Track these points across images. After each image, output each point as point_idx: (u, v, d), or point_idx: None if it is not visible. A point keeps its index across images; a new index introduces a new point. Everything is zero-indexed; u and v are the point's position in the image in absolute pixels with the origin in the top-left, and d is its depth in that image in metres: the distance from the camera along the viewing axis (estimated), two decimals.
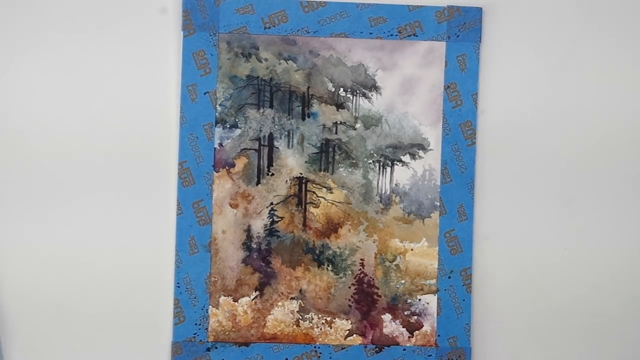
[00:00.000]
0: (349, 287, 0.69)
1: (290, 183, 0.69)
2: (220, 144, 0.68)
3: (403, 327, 0.69)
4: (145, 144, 0.68)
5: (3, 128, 0.67)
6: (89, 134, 0.68)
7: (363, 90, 0.69)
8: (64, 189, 0.68)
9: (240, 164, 0.68)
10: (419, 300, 0.69)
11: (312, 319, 0.69)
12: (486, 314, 0.70)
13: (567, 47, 0.70)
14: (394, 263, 0.69)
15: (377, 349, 0.69)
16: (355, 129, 0.69)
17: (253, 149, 0.68)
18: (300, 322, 0.69)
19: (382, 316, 0.69)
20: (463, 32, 0.69)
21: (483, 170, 0.70)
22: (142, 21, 0.68)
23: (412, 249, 0.69)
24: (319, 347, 0.69)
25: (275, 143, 0.69)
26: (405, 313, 0.69)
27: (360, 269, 0.69)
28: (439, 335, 0.69)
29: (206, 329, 0.68)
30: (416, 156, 0.69)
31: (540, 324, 0.70)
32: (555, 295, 0.71)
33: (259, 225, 0.69)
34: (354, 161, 0.69)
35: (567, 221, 0.71)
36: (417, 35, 0.69)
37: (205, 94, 0.68)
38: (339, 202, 0.69)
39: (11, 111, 0.67)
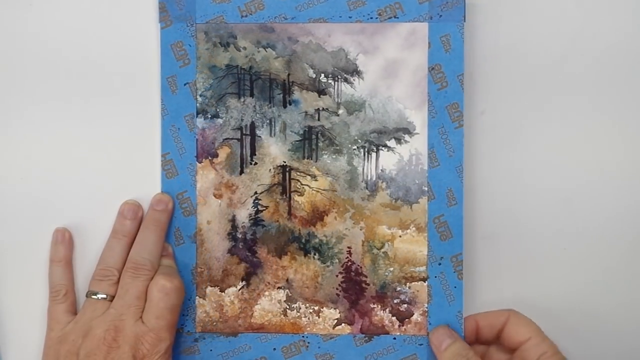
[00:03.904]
0: (337, 276, 0.68)
1: (274, 172, 0.68)
2: (202, 135, 0.68)
3: (393, 315, 0.68)
4: (129, 136, 0.69)
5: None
6: (80, 129, 0.69)
7: (345, 75, 0.68)
8: (59, 190, 0.69)
9: (222, 154, 0.68)
10: (409, 288, 0.68)
11: (300, 308, 0.68)
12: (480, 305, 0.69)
13: (554, 21, 0.68)
14: (382, 250, 0.68)
15: (366, 338, 0.68)
16: (338, 115, 0.68)
17: (235, 139, 0.68)
18: (288, 311, 0.68)
19: (371, 305, 0.68)
20: (446, 12, 0.67)
21: (481, 163, 0.68)
22: (120, 13, 0.69)
23: (400, 236, 0.68)
24: (307, 337, 0.68)
25: (257, 132, 0.68)
26: (395, 301, 0.68)
27: (347, 257, 0.68)
28: (430, 324, 0.67)
29: (193, 319, 0.68)
30: (402, 140, 0.68)
31: (539, 323, 0.68)
32: (554, 294, 0.69)
33: (243, 215, 0.68)
34: (338, 148, 0.68)
35: (567, 221, 0.69)
36: (397, 17, 0.67)
37: (185, 85, 0.68)
38: (324, 190, 0.68)
39: None
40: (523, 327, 0.65)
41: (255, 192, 0.68)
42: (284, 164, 0.68)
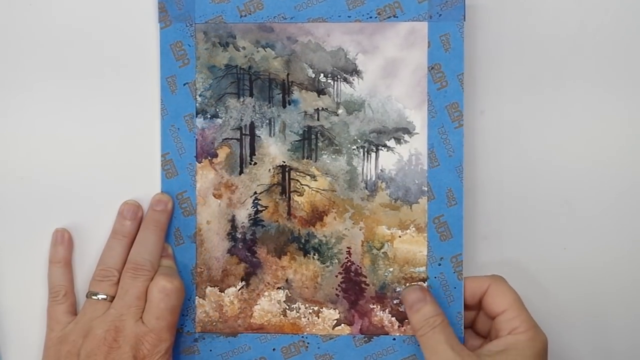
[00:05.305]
0: (336, 276, 0.68)
1: (274, 172, 0.68)
2: (202, 135, 0.68)
3: (392, 316, 0.68)
4: (128, 136, 0.69)
5: None
6: (80, 129, 0.69)
7: (344, 75, 0.68)
8: (59, 190, 0.69)
9: (222, 154, 0.68)
10: None
11: (299, 308, 0.68)
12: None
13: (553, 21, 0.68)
14: (382, 251, 0.68)
15: (366, 338, 0.68)
16: (337, 115, 0.68)
17: (235, 139, 0.68)
18: (287, 312, 0.68)
19: (371, 305, 0.68)
20: (445, 11, 0.66)
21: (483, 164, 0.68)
22: (120, 13, 0.68)
23: (400, 236, 0.68)
24: (306, 337, 0.68)
25: (257, 132, 0.68)
26: (395, 302, 0.68)
27: (347, 258, 0.68)
28: None
29: (193, 319, 0.68)
30: (401, 140, 0.68)
31: (540, 323, 0.68)
32: (554, 293, 0.69)
33: (243, 215, 0.68)
34: (337, 148, 0.68)
35: (567, 220, 0.69)
36: (397, 17, 0.67)
37: (184, 85, 0.68)
38: (323, 190, 0.68)
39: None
40: (500, 298, 0.64)
41: (255, 192, 0.68)
42: (284, 164, 0.68)
